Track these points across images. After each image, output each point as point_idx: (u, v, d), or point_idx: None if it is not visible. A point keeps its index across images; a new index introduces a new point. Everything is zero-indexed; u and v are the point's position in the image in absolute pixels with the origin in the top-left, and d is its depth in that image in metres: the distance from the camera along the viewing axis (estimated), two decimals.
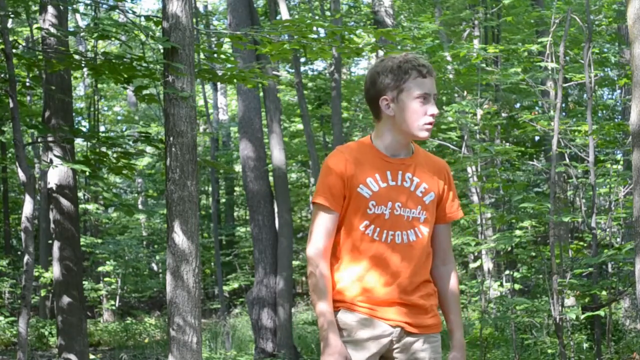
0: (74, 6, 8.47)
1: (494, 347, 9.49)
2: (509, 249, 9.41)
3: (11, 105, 5.82)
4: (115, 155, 6.86)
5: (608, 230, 8.14)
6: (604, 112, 12.70)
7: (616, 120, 12.05)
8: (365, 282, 2.86)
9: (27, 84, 8.56)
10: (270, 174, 12.13)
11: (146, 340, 14.87)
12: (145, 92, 6.18)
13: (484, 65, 9.21)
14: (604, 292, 7.64)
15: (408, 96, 2.87)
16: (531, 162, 9.88)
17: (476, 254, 10.78)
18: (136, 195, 24.10)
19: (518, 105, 13.85)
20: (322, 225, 2.90)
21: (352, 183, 2.88)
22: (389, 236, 2.87)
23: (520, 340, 8.90)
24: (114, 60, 6.00)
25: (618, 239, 8.77)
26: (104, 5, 8.90)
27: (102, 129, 22.76)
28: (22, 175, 5.73)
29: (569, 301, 8.91)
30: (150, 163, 21.39)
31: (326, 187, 2.90)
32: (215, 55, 6.72)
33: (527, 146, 13.79)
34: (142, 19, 6.78)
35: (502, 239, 7.97)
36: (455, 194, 3.06)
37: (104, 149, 7.07)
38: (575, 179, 8.29)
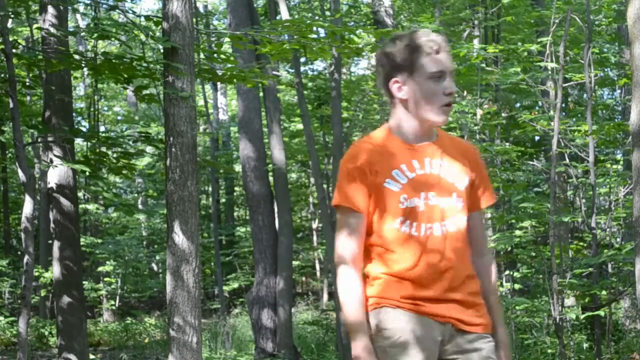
0: (74, 6, 8.47)
1: None
2: (509, 249, 9.40)
3: (11, 105, 5.82)
4: (115, 155, 6.86)
5: (608, 230, 8.14)
6: (604, 112, 12.70)
7: (616, 120, 12.05)
8: (410, 280, 2.61)
9: (27, 84, 8.58)
10: (270, 174, 12.13)
11: (146, 340, 14.87)
12: (145, 92, 6.18)
13: (483, 65, 9.20)
14: (604, 292, 7.63)
15: (420, 76, 2.61)
16: (531, 162, 9.89)
17: None
18: (136, 195, 24.10)
19: (518, 105, 13.85)
20: (347, 230, 2.64)
21: (377, 179, 2.62)
22: (427, 229, 2.62)
23: (520, 340, 8.90)
24: (114, 60, 6.00)
25: (618, 239, 8.77)
26: (104, 5, 8.90)
27: (102, 129, 22.78)
28: (22, 175, 5.73)
29: (569, 301, 8.91)
30: (150, 163, 21.39)
31: (347, 188, 2.64)
32: (215, 55, 6.72)
33: (527, 146, 13.79)
34: (142, 19, 6.78)
35: (502, 239, 7.96)
36: (487, 178, 2.81)
37: (104, 149, 7.07)
38: (575, 179, 8.29)
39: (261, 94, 12.39)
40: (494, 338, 2.72)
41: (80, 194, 16.26)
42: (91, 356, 9.86)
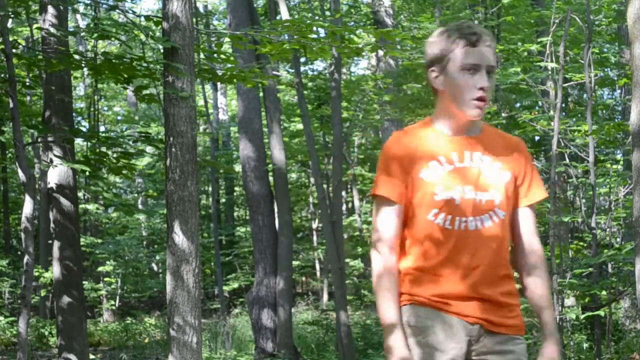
0: (74, 6, 8.47)
1: None
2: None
3: (11, 105, 5.82)
4: (115, 155, 6.87)
5: (608, 230, 8.14)
6: (604, 112, 12.69)
7: (616, 120, 12.05)
8: (439, 276, 2.57)
9: (27, 84, 8.57)
10: (270, 174, 12.13)
11: (146, 340, 14.87)
12: (145, 92, 6.18)
13: None
14: (604, 292, 7.63)
15: (454, 67, 2.56)
16: None
17: None
18: (136, 195, 24.10)
19: (518, 105, 13.84)
20: (384, 219, 2.61)
21: (415, 169, 2.59)
22: (462, 223, 2.56)
23: None
24: (114, 60, 6.00)
25: (618, 239, 8.77)
26: (104, 5, 8.90)
27: (102, 129, 22.78)
28: (22, 175, 5.73)
29: (569, 301, 8.91)
30: (150, 163, 21.39)
31: (384, 177, 2.61)
32: (215, 55, 6.72)
33: (527, 146, 13.79)
34: (142, 19, 6.78)
35: None
36: (536, 173, 2.72)
37: (104, 149, 7.07)
38: (575, 179, 8.29)
39: (261, 94, 12.39)
40: (544, 342, 2.65)
41: (80, 194, 16.26)
42: (91, 356, 9.87)
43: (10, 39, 6.42)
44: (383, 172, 2.63)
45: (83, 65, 6.44)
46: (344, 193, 20.58)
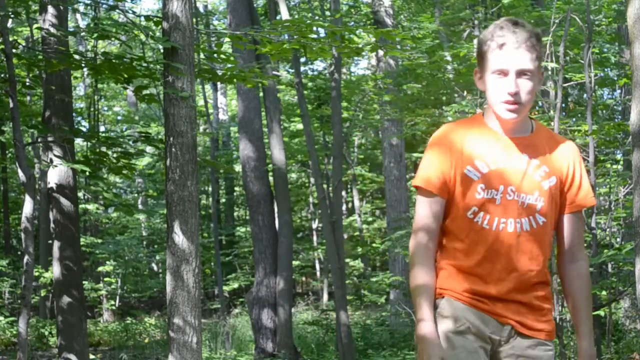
0: (74, 6, 8.47)
1: None
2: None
3: (11, 105, 5.82)
4: (115, 155, 6.87)
5: (608, 230, 8.15)
6: (604, 112, 12.69)
7: (616, 120, 12.05)
8: (474, 275, 2.56)
9: (27, 84, 8.58)
10: (270, 174, 12.13)
11: (146, 340, 14.87)
12: (145, 92, 6.18)
13: None
14: (604, 292, 7.64)
15: (486, 70, 2.56)
16: None
17: None
18: (136, 195, 24.10)
19: None
20: (425, 212, 2.59)
21: (460, 164, 2.56)
22: (500, 224, 2.53)
23: None
24: (114, 60, 6.00)
25: (618, 239, 8.77)
26: (104, 5, 8.90)
27: (102, 129, 22.78)
28: (22, 175, 5.73)
29: None
30: (150, 163, 21.40)
31: (429, 169, 2.59)
32: (215, 55, 6.72)
33: None
34: (142, 19, 6.78)
35: None
36: (585, 179, 2.66)
37: (104, 149, 7.07)
38: None
39: (261, 94, 12.39)
40: (579, 351, 2.67)
41: (80, 194, 16.25)
42: (91, 356, 9.87)
43: (10, 39, 6.42)
44: (427, 163, 2.60)
45: (83, 65, 6.44)
46: (344, 193, 20.59)
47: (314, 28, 7.26)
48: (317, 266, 21.65)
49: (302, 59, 14.62)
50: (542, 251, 2.57)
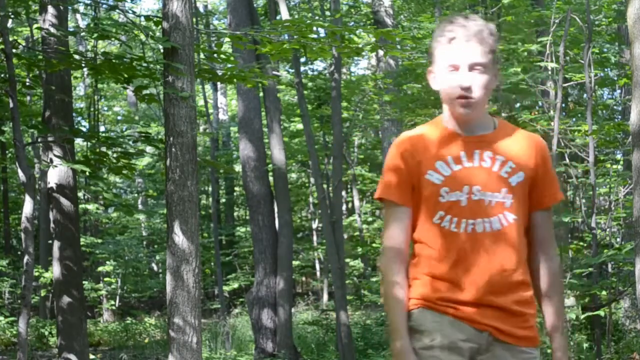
0: (74, 6, 8.47)
1: None
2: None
3: (11, 105, 5.83)
4: (115, 155, 6.87)
5: (608, 230, 8.15)
6: (604, 112, 12.69)
7: (616, 120, 12.05)
8: (448, 281, 2.46)
9: (27, 84, 8.57)
10: (270, 174, 12.13)
11: (146, 340, 14.86)
12: (145, 92, 6.18)
13: None
14: (604, 292, 7.64)
15: (438, 66, 2.49)
16: None
17: None
18: (136, 195, 24.10)
19: (518, 105, 13.84)
20: (392, 223, 2.51)
21: (419, 170, 2.48)
22: (469, 226, 2.43)
23: None
24: (114, 60, 6.00)
25: (618, 239, 8.77)
26: (104, 5, 8.90)
27: (102, 129, 22.78)
28: (22, 175, 5.73)
29: (569, 301, 8.91)
30: (150, 163, 21.39)
31: (390, 179, 2.52)
32: (215, 55, 6.72)
33: None
34: (142, 19, 6.79)
35: None
36: (553, 174, 2.56)
37: (104, 149, 7.07)
38: (575, 179, 8.29)
39: (261, 94, 12.39)
40: (552, 345, 2.56)
41: (80, 194, 16.26)
42: (91, 356, 9.87)
43: (10, 39, 6.42)
44: (388, 173, 2.53)
45: (83, 65, 6.44)
46: (344, 193, 20.59)
47: (314, 28, 7.27)
48: (317, 266, 21.64)
49: (302, 59, 14.61)
50: (515, 250, 2.47)
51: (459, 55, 2.44)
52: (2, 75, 6.32)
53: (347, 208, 22.36)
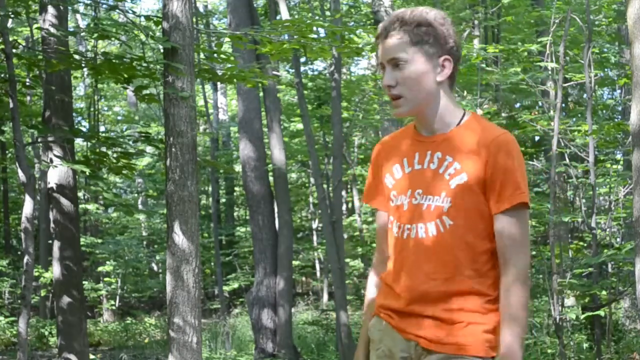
0: (74, 6, 8.47)
1: None
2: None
3: (11, 105, 5.82)
4: (115, 155, 6.87)
5: (608, 230, 8.15)
6: (604, 112, 12.70)
7: (616, 120, 12.05)
8: (389, 288, 2.39)
9: (27, 84, 8.57)
10: (270, 174, 12.13)
11: (146, 340, 14.87)
12: (145, 92, 6.18)
13: (484, 65, 9.21)
14: (604, 292, 7.64)
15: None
16: (531, 162, 9.89)
17: None
18: (136, 195, 24.10)
19: (518, 105, 13.85)
20: (377, 228, 2.50)
21: (382, 173, 2.45)
22: (406, 231, 2.33)
23: None
24: (114, 60, 6.00)
25: (618, 239, 8.77)
26: (104, 5, 8.89)
27: (102, 129, 22.78)
28: (22, 175, 5.73)
29: (569, 301, 8.92)
30: (150, 163, 21.39)
31: (367, 185, 2.51)
32: (215, 55, 6.72)
33: (527, 146, 13.80)
34: (142, 19, 6.79)
35: None
36: (512, 174, 2.27)
37: (104, 149, 7.07)
38: (575, 179, 8.29)
39: (261, 94, 12.39)
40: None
41: (80, 194, 16.26)
42: (91, 356, 9.86)
43: (10, 39, 6.42)
44: (367, 178, 2.52)
45: (83, 65, 6.44)
46: (344, 193, 20.59)
47: (314, 28, 7.27)
48: (317, 266, 21.64)
49: (302, 59, 14.62)
50: (453, 257, 2.28)
51: (380, 53, 2.34)
52: (2, 75, 6.32)
53: (347, 208, 22.36)
